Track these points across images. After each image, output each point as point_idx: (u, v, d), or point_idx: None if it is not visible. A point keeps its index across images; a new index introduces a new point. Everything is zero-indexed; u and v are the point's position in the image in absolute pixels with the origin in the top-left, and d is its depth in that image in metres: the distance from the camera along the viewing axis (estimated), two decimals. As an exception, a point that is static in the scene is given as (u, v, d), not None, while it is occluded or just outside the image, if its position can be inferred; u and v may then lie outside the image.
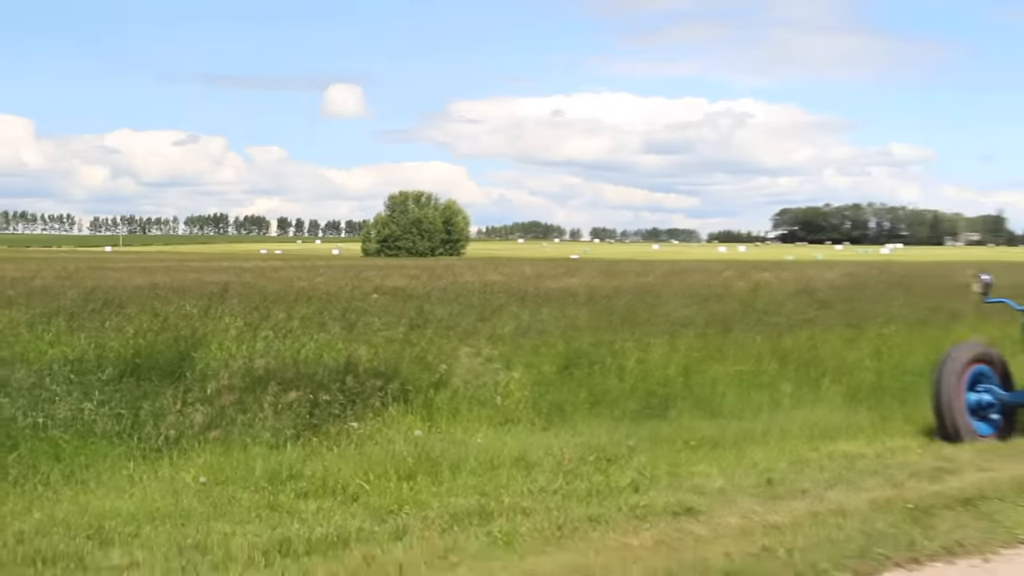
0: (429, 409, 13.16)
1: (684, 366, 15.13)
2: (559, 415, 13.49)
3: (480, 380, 14.02)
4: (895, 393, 15.39)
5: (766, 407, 14.33)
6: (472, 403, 13.47)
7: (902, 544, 8.36)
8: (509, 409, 13.47)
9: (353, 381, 13.23)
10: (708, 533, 8.80)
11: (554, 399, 13.88)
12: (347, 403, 12.84)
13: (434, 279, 34.48)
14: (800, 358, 16.10)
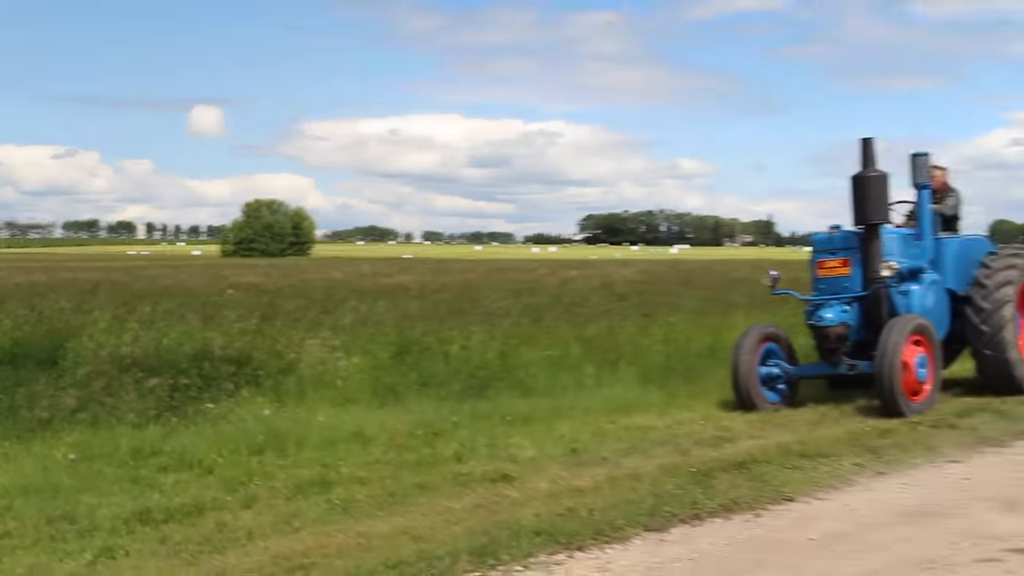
0: (278, 392, 12.99)
1: (501, 351, 15.15)
2: (392, 396, 13.41)
3: (323, 366, 13.89)
4: (681, 373, 15.58)
5: (572, 386, 14.41)
6: (316, 386, 13.33)
7: (686, 503, 8.48)
8: (348, 391, 13.35)
9: (209, 367, 13.04)
10: (521, 497, 8.84)
11: (388, 381, 13.80)
12: (204, 387, 12.65)
13: (284, 277, 34.13)
14: (601, 344, 16.22)
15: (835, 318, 13.91)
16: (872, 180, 14.30)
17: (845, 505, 8.69)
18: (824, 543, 7.56)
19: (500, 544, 7.32)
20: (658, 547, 7.51)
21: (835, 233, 14.58)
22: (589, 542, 7.51)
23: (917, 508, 8.54)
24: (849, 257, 14.26)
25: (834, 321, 13.89)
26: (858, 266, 14.19)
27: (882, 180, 14.40)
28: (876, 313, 14.00)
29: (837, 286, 14.28)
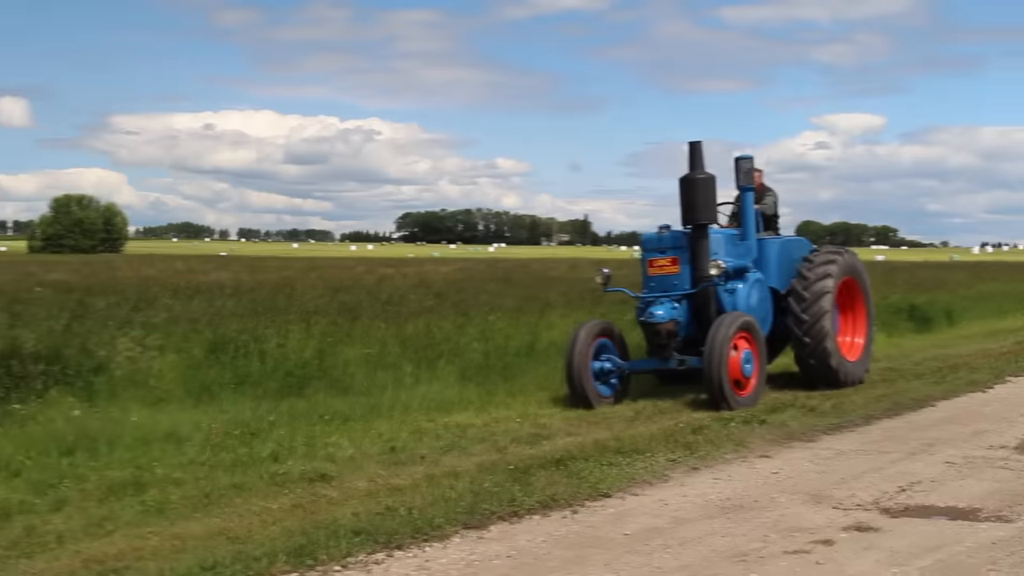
0: (89, 391, 12.60)
1: (319, 349, 15.00)
2: (208, 395, 13.17)
3: (136, 364, 13.55)
4: (499, 371, 15.69)
5: (390, 385, 14.36)
6: (128, 385, 12.99)
7: (505, 500, 8.53)
8: (162, 390, 13.07)
9: (18, 366, 12.56)
10: (339, 496, 8.78)
11: (203, 380, 13.54)
12: (12, 387, 12.15)
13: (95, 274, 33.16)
14: (419, 342, 16.19)
15: (665, 315, 14.39)
16: (700, 182, 14.82)
17: (660, 500, 8.84)
18: (639, 538, 7.69)
19: (318, 544, 7.26)
20: (477, 544, 7.53)
21: (664, 233, 15.00)
22: (408, 540, 7.50)
23: (729, 502, 8.75)
24: (678, 256, 14.75)
25: (664, 318, 14.36)
26: (687, 265, 14.70)
27: (710, 182, 14.94)
28: (704, 310, 14.53)
29: (667, 284, 14.77)
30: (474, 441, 11.24)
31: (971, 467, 10.04)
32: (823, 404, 13.54)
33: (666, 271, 14.83)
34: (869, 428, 12.33)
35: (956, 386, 15.49)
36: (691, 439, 11.14)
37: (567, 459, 9.99)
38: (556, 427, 12.11)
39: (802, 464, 10.28)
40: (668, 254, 14.87)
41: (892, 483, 9.36)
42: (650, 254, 15.08)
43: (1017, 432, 11.89)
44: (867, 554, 7.20)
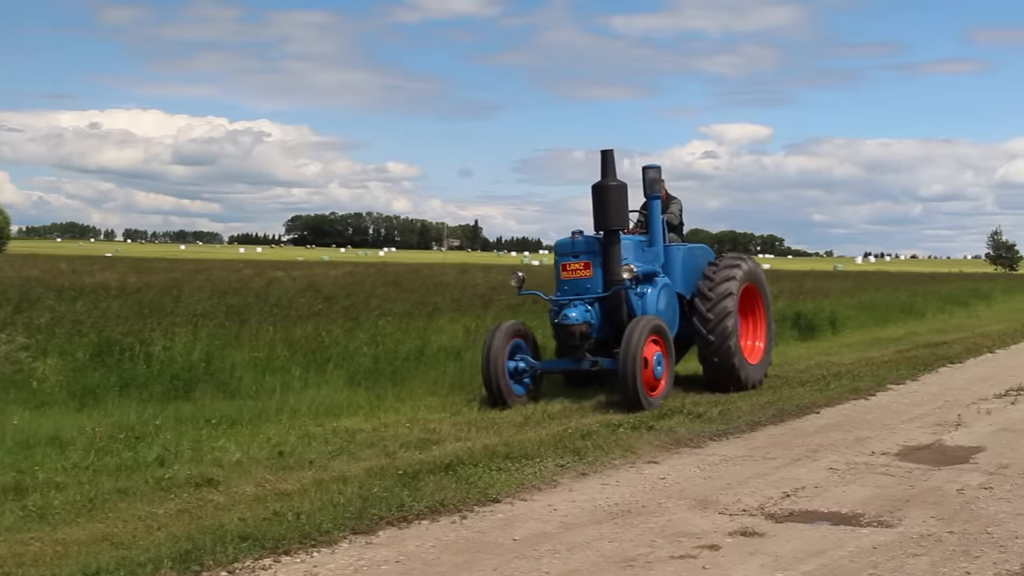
0: (-32, 393, 12.36)
1: (206, 353, 14.84)
2: (92, 398, 12.96)
3: (17, 367, 13.30)
4: (389, 376, 15.67)
5: (279, 389, 14.26)
6: (9, 388, 12.75)
7: (394, 506, 8.51)
8: (45, 393, 12.85)
9: None
10: (226, 501, 8.69)
11: (87, 383, 13.33)
12: None
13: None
14: (308, 345, 16.11)
15: (578, 317, 14.88)
16: (612, 189, 15.32)
17: (548, 506, 8.88)
18: (528, 543, 7.71)
19: (204, 550, 7.16)
20: (365, 549, 7.50)
21: (578, 238, 15.53)
22: (296, 546, 7.44)
23: (617, 508, 8.81)
24: (591, 260, 15.27)
25: (578, 320, 14.85)
26: (599, 269, 15.22)
27: (621, 189, 15.44)
28: (616, 313, 15.18)
29: (580, 287, 15.31)
30: (363, 446, 11.19)
31: (853, 473, 10.23)
32: (710, 411, 13.70)
33: (579, 275, 15.32)
34: (755, 434, 12.51)
35: (839, 393, 15.77)
36: (580, 445, 11.19)
37: (456, 464, 9.98)
38: (446, 432, 12.09)
39: (689, 470, 10.40)
40: (581, 258, 15.35)
41: (777, 489, 9.51)
42: (564, 258, 15.56)
43: (898, 439, 12.14)
44: (752, 559, 7.30)
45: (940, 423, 13.28)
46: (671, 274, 16.31)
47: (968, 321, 34.73)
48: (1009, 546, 7.60)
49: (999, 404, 14.93)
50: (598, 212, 15.30)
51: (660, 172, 16.45)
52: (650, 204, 16.32)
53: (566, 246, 15.59)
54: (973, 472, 10.27)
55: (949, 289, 47.06)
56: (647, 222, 16.47)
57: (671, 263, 16.40)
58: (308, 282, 33.36)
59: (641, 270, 15.46)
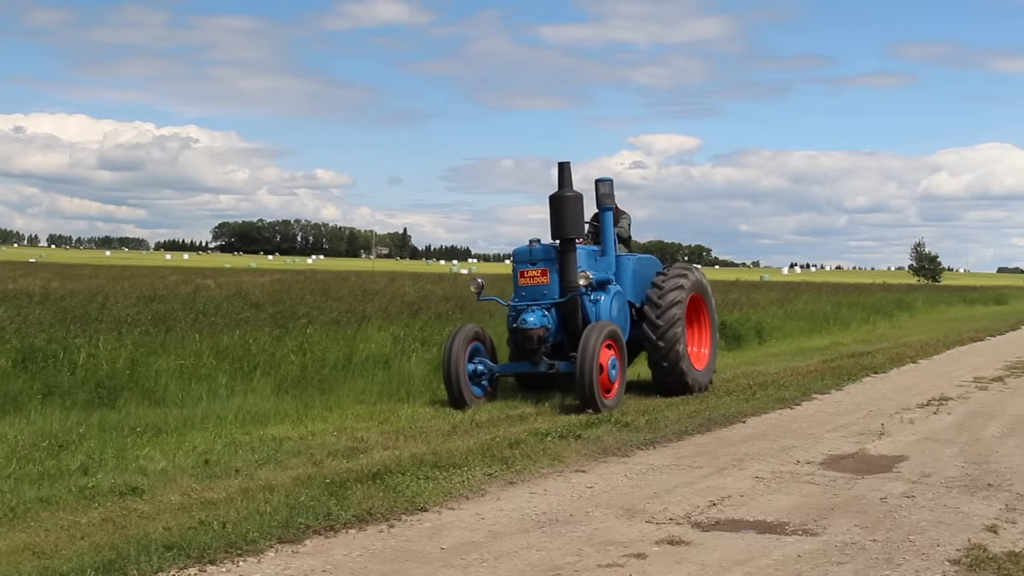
0: None
1: (131, 360, 14.68)
2: (14, 405, 12.77)
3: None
4: (316, 384, 15.60)
5: (205, 396, 14.16)
6: (-72, 395, 12.55)
7: (320, 514, 8.47)
8: (-35, 400, 12.64)
9: None
10: (151, 510, 8.60)
11: (9, 391, 13.11)
12: None
13: None
14: (235, 353, 15.99)
15: (536, 321, 15.66)
16: (569, 200, 16.10)
17: (476, 514, 8.87)
18: (456, 552, 7.70)
19: (128, 559, 7.09)
20: (292, 559, 7.45)
21: (535, 246, 16.36)
22: (222, 555, 7.38)
23: (544, 516, 8.83)
24: (547, 268, 16.13)
25: (536, 324, 15.63)
26: (556, 275, 16.06)
27: (578, 200, 16.26)
28: (571, 318, 15.99)
29: (537, 293, 16.18)
30: (290, 454, 11.12)
31: (779, 482, 10.33)
32: (637, 420, 13.77)
33: (536, 281, 16.18)
34: (681, 443, 12.59)
35: (765, 403, 15.92)
36: (508, 453, 11.20)
37: (384, 473, 9.95)
38: (373, 441, 12.05)
39: (616, 479, 10.44)
40: (539, 265, 16.20)
41: (703, 497, 9.57)
42: (521, 265, 16.41)
43: (823, 448, 12.27)
44: (679, 567, 7.34)
45: (864, 432, 13.44)
46: (622, 282, 17.06)
47: (891, 331, 35.23)
48: (931, 554, 7.70)
49: (921, 414, 15.14)
50: (555, 221, 16.03)
51: (612, 186, 17.21)
52: (602, 215, 17.15)
53: (524, 254, 16.40)
54: (896, 481, 10.41)
55: (873, 300, 47.65)
56: (600, 233, 17.25)
57: (622, 272, 17.16)
58: (235, 289, 33.09)
59: (595, 278, 16.22)
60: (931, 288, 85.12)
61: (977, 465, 11.27)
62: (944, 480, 10.45)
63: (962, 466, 11.21)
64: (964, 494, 9.80)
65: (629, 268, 17.26)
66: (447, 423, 13.48)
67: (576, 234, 16.17)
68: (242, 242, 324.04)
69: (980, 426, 14.06)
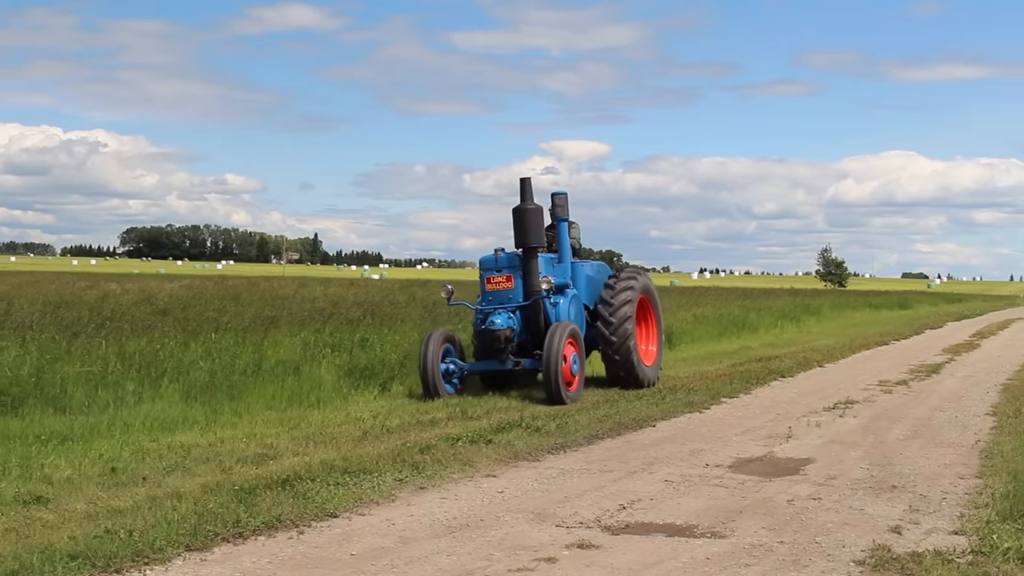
0: None
1: (36, 367, 14.42)
2: (-87, 414, 12.52)
3: None
4: (225, 390, 15.44)
5: (112, 404, 13.95)
6: None
7: (229, 522, 8.39)
8: None
9: None
10: (56, 519, 8.46)
11: (-92, 398, 12.87)
12: None
13: None
14: (143, 360, 15.78)
15: (503, 323, 17.29)
16: (531, 212, 17.78)
17: (387, 520, 8.84)
18: (366, 558, 7.67)
19: (32, 569, 6.97)
20: (200, 567, 7.37)
21: (500, 255, 18.02)
22: (128, 564, 7.28)
23: (455, 521, 8.82)
24: (512, 274, 17.75)
25: (502, 325, 17.25)
26: (519, 281, 17.68)
27: (538, 212, 17.94)
28: (534, 320, 17.60)
29: (503, 297, 17.77)
30: (199, 461, 11.01)
31: (688, 485, 10.41)
32: (548, 424, 13.81)
33: (502, 287, 17.79)
34: (592, 448, 12.64)
35: (675, 407, 16.05)
36: (419, 459, 11.17)
37: (294, 479, 9.88)
38: (282, 447, 11.97)
39: (527, 483, 10.45)
40: (504, 272, 17.82)
41: (613, 501, 9.62)
42: (488, 272, 18.01)
43: (731, 451, 12.40)
44: (589, 571, 7.37)
45: (772, 436, 13.60)
46: (577, 287, 18.74)
47: (799, 336, 35.66)
48: (836, 555, 7.81)
49: (828, 417, 15.34)
50: (519, 232, 17.69)
51: (567, 199, 18.80)
52: (559, 226, 18.74)
53: (490, 262, 18.03)
54: (803, 483, 10.54)
55: (781, 305, 48.19)
56: (556, 241, 18.78)
57: (577, 277, 18.87)
58: (143, 295, 32.79)
59: (555, 283, 17.76)
60: (838, 293, 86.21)
61: (882, 467, 11.45)
62: (850, 482, 10.60)
63: (867, 468, 11.39)
64: (869, 496, 9.96)
65: (583, 274, 18.99)
66: (358, 429, 13.42)
67: (538, 243, 17.73)
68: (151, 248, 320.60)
69: (885, 429, 14.29)
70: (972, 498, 9.79)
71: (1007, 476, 10.52)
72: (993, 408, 16.40)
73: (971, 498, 9.80)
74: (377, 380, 17.70)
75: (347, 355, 18.39)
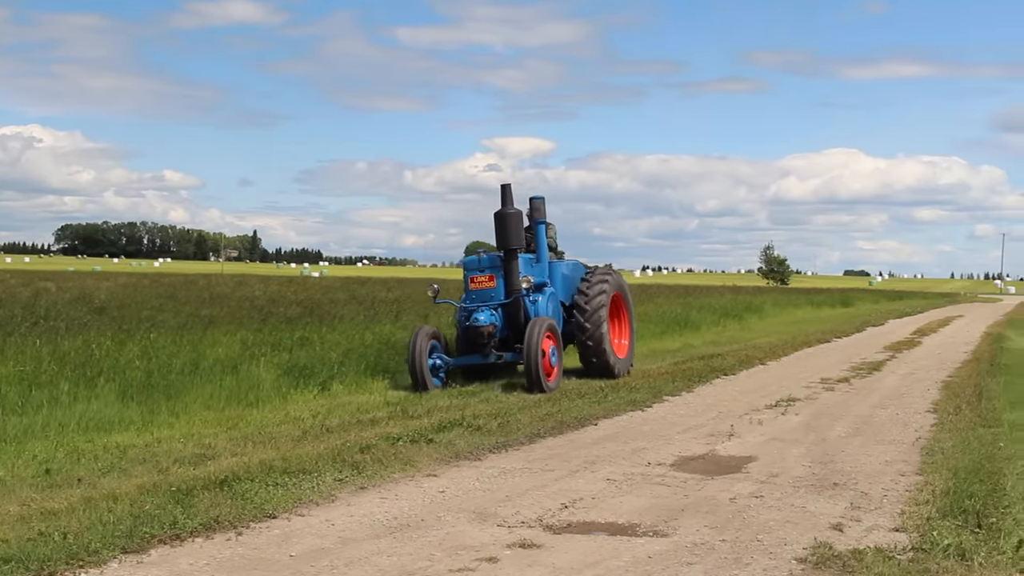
0: None
1: (-33, 367, 14.27)
2: None
3: None
4: (162, 390, 15.31)
5: (46, 404, 13.78)
6: None
7: (166, 523, 8.33)
8: None
9: None
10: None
11: None
12: None
13: None
14: (78, 359, 15.62)
15: (486, 320, 18.58)
16: (511, 216, 18.99)
17: (326, 521, 8.82)
18: (305, 559, 7.64)
19: (-37, 573, 6.89)
20: (136, 569, 7.32)
21: (483, 256, 19.37)
22: (63, 567, 7.21)
23: (396, 522, 8.81)
24: (494, 274, 19.10)
25: (486, 322, 18.55)
26: (501, 280, 19.00)
27: (518, 216, 19.17)
28: (515, 317, 18.92)
29: (485, 296, 19.14)
30: (135, 462, 10.93)
31: (630, 484, 10.46)
32: (489, 423, 13.81)
33: (484, 286, 19.15)
34: (533, 446, 12.67)
35: (617, 405, 16.10)
36: (359, 458, 11.14)
37: (232, 480, 9.82)
38: (221, 447, 11.90)
39: (468, 482, 10.47)
40: (486, 272, 19.17)
41: (555, 500, 9.65)
42: (472, 272, 19.39)
43: (673, 449, 12.46)
44: (530, 570, 7.38)
45: (714, 434, 13.69)
46: (555, 285, 20.06)
47: (741, 334, 35.88)
48: (778, 552, 7.88)
49: (770, 415, 15.47)
50: (500, 235, 18.92)
51: (544, 203, 20.14)
52: (536, 228, 20.06)
53: (473, 263, 19.42)
54: (745, 481, 10.62)
55: (723, 302, 48.44)
56: (534, 242, 20.06)
57: (554, 276, 20.18)
58: (79, 293, 32.42)
59: (534, 281, 19.07)
60: (780, 291, 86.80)
61: (823, 465, 11.56)
62: (791, 480, 10.70)
63: (809, 466, 11.49)
64: (811, 493, 10.05)
65: (559, 273, 20.30)
66: (297, 428, 13.37)
67: (518, 245, 18.99)
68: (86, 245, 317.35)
69: (826, 426, 14.43)
70: (913, 495, 9.91)
71: (947, 473, 10.67)
72: (934, 405, 16.61)
73: (912, 495, 9.92)
74: (317, 379, 17.63)
75: (286, 354, 18.30)
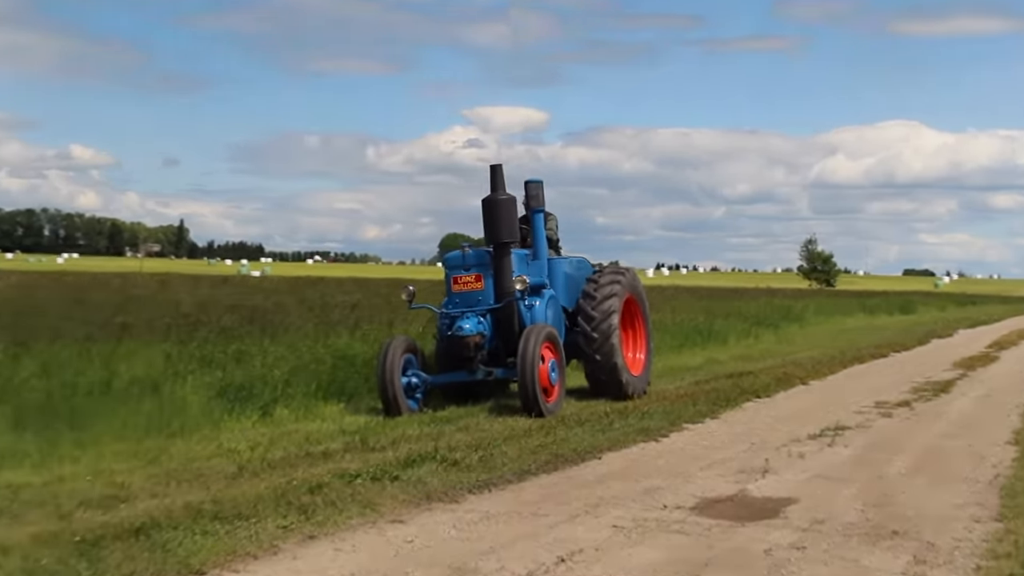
0: None
1: None
2: None
3: None
4: (66, 415, 15.21)
5: (-80, 433, 13.74)
6: None
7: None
8: None
9: None
10: None
11: None
12: None
13: None
14: (-41, 378, 15.57)
15: (472, 328, 18.29)
16: (502, 203, 18.83)
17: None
18: (240, 626, 7.59)
19: None
20: (30, 639, 7.26)
21: (468, 252, 19.03)
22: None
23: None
24: (482, 273, 18.81)
25: (472, 331, 18.25)
26: (490, 281, 18.75)
27: (511, 203, 19.00)
28: (507, 324, 18.67)
29: (471, 300, 18.81)
30: (30, 505, 10.87)
31: (642, 531, 10.42)
32: (468, 457, 13.76)
33: (470, 287, 18.84)
34: (523, 485, 12.62)
35: (625, 434, 16.06)
36: (308, 500, 11.09)
37: (150, 527, 9.77)
38: (137, 487, 11.84)
39: (443, 530, 10.42)
40: (472, 271, 18.88)
41: (550, 552, 9.60)
42: (454, 271, 19.06)
43: (694, 489, 12.43)
44: (519, 640, 7.33)
45: (744, 470, 13.66)
46: (555, 286, 19.95)
47: (778, 347, 35.97)
48: (824, 617, 7.84)
49: (813, 446, 15.46)
50: (489, 226, 18.78)
51: (542, 188, 19.93)
52: (533, 218, 19.87)
53: (456, 259, 19.09)
54: (783, 529, 10.59)
55: (756, 308, 48.55)
56: (531, 235, 19.92)
57: (554, 276, 20.09)
58: (-38, 296, 32.35)
59: (530, 282, 18.75)
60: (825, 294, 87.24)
61: (880, 508, 11.53)
62: (841, 527, 10.66)
63: (862, 510, 11.46)
64: (865, 544, 10.02)
65: (561, 272, 20.24)
66: (232, 463, 13.31)
67: (511, 238, 18.86)
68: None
69: (883, 461, 14.41)
70: (991, 546, 9.88)
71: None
72: (1015, 435, 16.61)
73: (989, 546, 9.89)
74: (257, 402, 17.56)
75: (219, 372, 18.21)
